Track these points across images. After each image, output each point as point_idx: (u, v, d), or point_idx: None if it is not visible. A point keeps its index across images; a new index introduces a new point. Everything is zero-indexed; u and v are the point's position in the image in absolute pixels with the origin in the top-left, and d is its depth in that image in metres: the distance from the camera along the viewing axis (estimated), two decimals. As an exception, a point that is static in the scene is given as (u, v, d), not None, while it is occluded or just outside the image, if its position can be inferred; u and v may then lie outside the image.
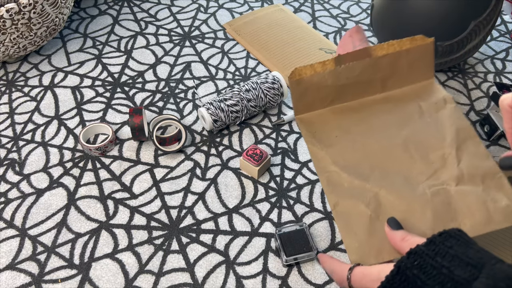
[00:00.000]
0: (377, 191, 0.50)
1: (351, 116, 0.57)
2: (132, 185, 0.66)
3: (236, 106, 0.69)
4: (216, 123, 0.68)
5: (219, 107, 0.68)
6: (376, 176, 0.52)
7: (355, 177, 0.52)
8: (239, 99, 0.67)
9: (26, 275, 0.57)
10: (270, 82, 0.71)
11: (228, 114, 0.67)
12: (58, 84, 0.81)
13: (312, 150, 0.55)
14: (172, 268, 0.57)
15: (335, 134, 0.56)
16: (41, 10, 0.76)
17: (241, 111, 0.69)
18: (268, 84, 0.71)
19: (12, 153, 0.70)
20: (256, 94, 0.68)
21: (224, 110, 0.68)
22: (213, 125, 0.65)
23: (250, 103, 0.68)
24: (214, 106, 0.68)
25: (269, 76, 0.73)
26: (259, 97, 0.68)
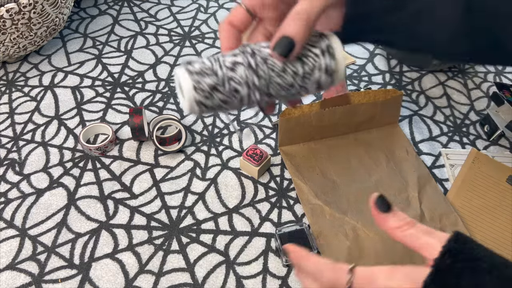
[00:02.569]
0: (355, 224, 0.60)
1: (329, 157, 0.68)
2: (132, 185, 0.66)
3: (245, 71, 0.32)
4: (201, 97, 0.31)
5: (211, 69, 0.31)
6: (353, 211, 0.61)
7: (335, 211, 0.61)
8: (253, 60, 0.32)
9: (26, 275, 0.57)
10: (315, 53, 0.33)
11: (227, 84, 0.31)
12: (58, 84, 0.81)
13: (297, 182, 0.65)
14: (172, 268, 0.57)
15: (316, 172, 0.66)
16: (41, 10, 0.76)
17: (250, 84, 0.32)
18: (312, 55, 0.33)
19: (12, 153, 0.70)
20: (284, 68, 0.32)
21: (219, 75, 0.31)
22: (195, 103, 0.31)
23: (274, 76, 0.32)
24: (202, 69, 0.32)
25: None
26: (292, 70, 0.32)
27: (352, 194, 0.64)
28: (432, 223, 0.60)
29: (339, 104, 0.68)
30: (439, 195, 0.64)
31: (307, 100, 0.79)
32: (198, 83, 0.31)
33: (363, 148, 0.70)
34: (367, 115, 0.70)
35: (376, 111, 0.71)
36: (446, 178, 0.68)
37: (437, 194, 0.64)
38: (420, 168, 0.67)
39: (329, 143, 0.70)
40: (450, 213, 0.61)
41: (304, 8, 0.31)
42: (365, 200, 0.63)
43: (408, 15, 0.33)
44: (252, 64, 0.31)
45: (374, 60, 0.87)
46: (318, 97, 0.79)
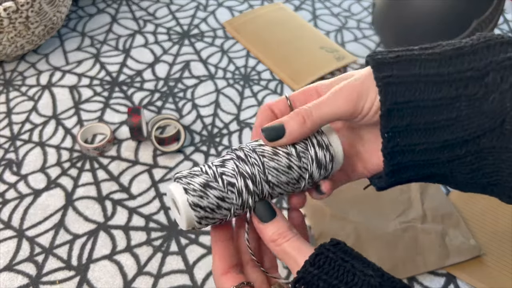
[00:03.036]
0: (356, 225, 0.59)
1: None
2: (130, 186, 0.65)
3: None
4: (195, 197, 0.29)
5: (199, 170, 0.30)
6: (354, 212, 0.61)
7: (337, 212, 0.60)
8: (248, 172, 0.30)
9: (23, 277, 0.56)
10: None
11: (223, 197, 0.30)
12: (56, 83, 0.80)
13: None
14: (171, 270, 0.57)
15: None
16: (39, 9, 0.75)
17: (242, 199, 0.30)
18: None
19: (10, 153, 0.70)
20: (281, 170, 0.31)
21: (210, 173, 0.30)
22: (190, 207, 0.29)
23: (267, 161, 0.30)
24: (190, 172, 0.30)
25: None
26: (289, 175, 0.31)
27: (353, 194, 0.63)
28: (434, 224, 0.60)
29: None
30: (441, 195, 0.63)
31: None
32: (188, 184, 0.29)
33: None
34: None
35: None
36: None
37: (439, 195, 0.63)
38: None
39: None
40: (452, 214, 0.61)
41: (317, 106, 0.30)
42: (366, 200, 0.62)
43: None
44: (241, 155, 0.30)
45: (375, 59, 0.86)
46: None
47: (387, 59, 0.29)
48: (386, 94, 0.28)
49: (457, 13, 0.72)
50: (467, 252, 0.57)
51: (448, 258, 0.56)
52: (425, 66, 0.28)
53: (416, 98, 0.28)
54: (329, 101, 0.30)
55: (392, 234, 0.58)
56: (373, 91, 0.29)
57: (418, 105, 0.28)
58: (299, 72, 0.82)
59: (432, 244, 0.57)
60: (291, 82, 0.81)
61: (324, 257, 0.27)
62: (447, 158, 0.29)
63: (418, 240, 0.58)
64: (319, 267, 0.26)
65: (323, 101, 0.30)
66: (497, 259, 0.57)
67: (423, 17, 0.74)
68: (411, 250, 0.57)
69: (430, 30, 0.75)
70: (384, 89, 0.28)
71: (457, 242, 0.57)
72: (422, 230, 0.59)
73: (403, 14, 0.76)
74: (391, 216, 0.61)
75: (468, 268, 0.56)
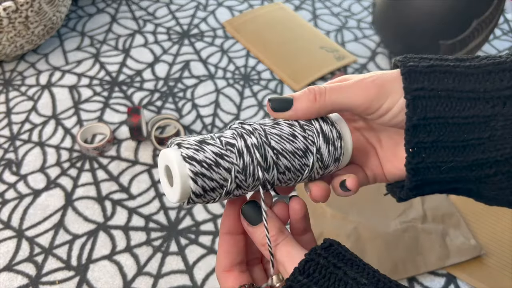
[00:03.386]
0: (357, 225, 0.59)
1: None
2: (130, 186, 0.65)
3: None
4: (195, 171, 0.26)
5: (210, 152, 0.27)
6: (354, 212, 0.61)
7: (337, 211, 0.60)
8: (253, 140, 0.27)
9: (23, 277, 0.56)
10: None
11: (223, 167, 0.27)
12: (56, 83, 0.80)
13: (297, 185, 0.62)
14: (171, 270, 0.57)
15: None
16: (39, 9, 0.75)
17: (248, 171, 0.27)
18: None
19: (9, 153, 0.69)
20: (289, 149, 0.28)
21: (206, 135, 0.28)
22: (191, 190, 0.26)
23: (268, 128, 0.28)
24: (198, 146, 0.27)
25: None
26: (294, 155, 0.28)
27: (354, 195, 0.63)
28: (434, 224, 0.59)
29: None
30: (441, 195, 0.63)
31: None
32: (183, 140, 0.26)
33: None
34: None
35: None
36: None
37: (440, 195, 0.63)
38: None
39: None
40: (453, 214, 0.61)
41: (332, 89, 0.28)
42: (366, 200, 0.62)
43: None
44: (239, 125, 0.28)
45: (376, 58, 0.86)
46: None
47: (419, 67, 0.27)
48: (415, 108, 0.27)
49: (457, 13, 0.72)
50: (468, 252, 0.57)
51: (448, 258, 0.56)
52: (459, 80, 0.26)
53: (447, 114, 0.26)
54: (346, 89, 0.28)
55: (392, 234, 0.58)
56: (397, 94, 0.27)
57: (448, 122, 0.26)
58: (299, 72, 0.82)
59: (432, 244, 0.57)
60: (291, 82, 0.81)
61: (315, 263, 0.25)
62: (474, 176, 0.27)
63: (419, 240, 0.58)
64: (309, 275, 0.25)
65: (341, 86, 0.28)
66: (497, 259, 0.57)
67: (423, 17, 0.74)
68: (412, 250, 0.57)
69: (430, 30, 0.75)
70: (413, 102, 0.27)
71: (458, 242, 0.57)
72: (423, 230, 0.59)
73: (403, 14, 0.76)
74: (392, 216, 0.60)
75: (468, 268, 0.56)
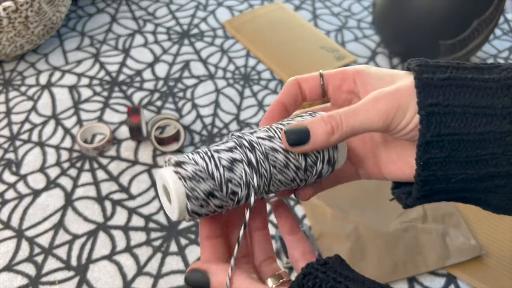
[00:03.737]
0: (357, 225, 0.59)
1: None
2: (130, 186, 0.65)
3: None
4: (196, 206, 0.27)
5: (206, 171, 0.27)
6: (355, 212, 0.61)
7: (337, 211, 0.60)
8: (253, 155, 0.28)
9: (23, 277, 0.56)
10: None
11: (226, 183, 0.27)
12: (55, 83, 0.80)
13: None
14: (170, 270, 0.57)
15: None
16: (38, 9, 0.75)
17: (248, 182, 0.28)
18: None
19: (9, 153, 0.69)
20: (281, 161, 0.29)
21: (217, 178, 0.27)
22: (187, 213, 0.27)
23: (276, 173, 0.28)
24: (196, 173, 0.27)
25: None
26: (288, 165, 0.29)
27: (354, 194, 0.63)
28: (434, 224, 0.59)
29: None
30: None
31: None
32: (193, 190, 0.26)
33: None
34: None
35: None
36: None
37: None
38: None
39: None
40: (453, 214, 0.61)
41: (349, 115, 0.27)
42: (367, 200, 0.62)
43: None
44: (252, 161, 0.27)
45: (376, 58, 0.86)
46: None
47: (434, 80, 0.26)
48: (429, 124, 0.26)
49: (457, 13, 0.72)
50: (468, 252, 0.57)
51: (448, 258, 0.56)
52: (477, 95, 0.26)
53: (461, 131, 0.26)
54: (363, 113, 0.27)
55: (393, 234, 0.58)
56: (413, 108, 0.26)
57: (462, 139, 0.26)
58: (299, 72, 0.82)
59: (432, 244, 0.57)
60: (291, 82, 0.81)
61: (313, 277, 0.24)
62: (484, 187, 0.27)
63: (419, 240, 0.58)
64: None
65: (357, 110, 0.27)
66: (497, 259, 0.57)
67: (423, 17, 0.74)
68: (412, 250, 0.57)
69: (430, 30, 0.74)
70: (427, 118, 0.26)
71: (458, 242, 0.57)
72: (423, 230, 0.59)
73: (403, 14, 0.76)
74: (392, 216, 0.60)
75: (468, 268, 0.56)
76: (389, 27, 0.81)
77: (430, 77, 0.26)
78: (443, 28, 0.74)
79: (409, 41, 0.79)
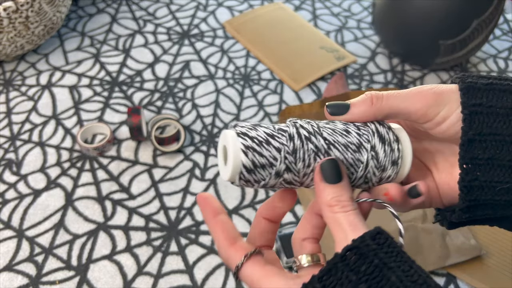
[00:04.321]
0: None
1: None
2: (130, 186, 0.65)
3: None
4: (246, 145, 0.27)
5: (266, 137, 0.27)
6: None
7: None
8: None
9: (23, 277, 0.56)
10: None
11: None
12: (56, 83, 0.80)
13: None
14: (171, 270, 0.57)
15: None
16: (39, 9, 0.75)
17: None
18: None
19: (9, 153, 0.69)
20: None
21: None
22: (241, 164, 0.26)
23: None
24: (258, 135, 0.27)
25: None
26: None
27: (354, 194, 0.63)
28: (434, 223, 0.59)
29: None
30: None
31: (308, 99, 0.78)
32: (238, 125, 0.28)
33: None
34: None
35: None
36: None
37: None
38: None
39: None
40: None
41: (389, 94, 0.28)
42: None
43: None
44: (297, 120, 0.28)
45: (376, 59, 0.86)
46: (319, 96, 0.79)
47: (478, 84, 0.27)
48: (472, 123, 0.26)
49: (457, 13, 0.72)
50: (468, 252, 0.57)
51: (448, 258, 0.56)
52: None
53: (504, 132, 0.26)
54: (404, 95, 0.28)
55: (392, 233, 0.58)
56: (455, 104, 0.27)
57: (505, 140, 0.26)
58: (299, 72, 0.82)
59: (432, 244, 0.57)
60: (291, 82, 0.81)
61: (384, 237, 0.24)
62: None
63: (419, 240, 0.58)
64: (379, 244, 0.24)
65: (398, 92, 0.28)
66: (497, 259, 0.57)
67: (423, 17, 0.74)
68: (412, 249, 0.57)
69: (430, 30, 0.75)
70: (470, 117, 0.26)
71: (458, 242, 0.57)
72: (423, 229, 0.59)
73: (403, 14, 0.76)
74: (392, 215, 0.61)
75: (468, 268, 0.56)
76: (389, 27, 0.81)
77: (473, 81, 0.27)
78: (443, 28, 0.74)
79: (409, 41, 0.79)
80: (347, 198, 0.26)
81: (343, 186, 0.27)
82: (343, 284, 0.23)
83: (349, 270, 0.23)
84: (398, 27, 0.79)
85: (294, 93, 0.79)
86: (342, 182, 0.27)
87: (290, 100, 0.78)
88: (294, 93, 0.79)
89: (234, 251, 0.27)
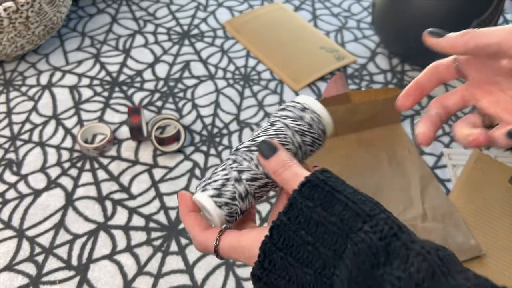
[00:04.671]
0: None
1: (330, 158, 0.69)
2: (130, 186, 0.65)
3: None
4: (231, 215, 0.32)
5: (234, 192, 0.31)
6: None
7: None
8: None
9: (24, 277, 0.56)
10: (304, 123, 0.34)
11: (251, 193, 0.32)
12: (56, 83, 0.80)
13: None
14: (171, 270, 0.57)
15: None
16: (39, 9, 0.75)
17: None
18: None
19: (10, 153, 0.70)
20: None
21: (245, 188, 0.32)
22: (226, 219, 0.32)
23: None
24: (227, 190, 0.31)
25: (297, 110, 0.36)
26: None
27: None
28: (434, 223, 0.60)
29: (339, 103, 0.68)
30: (441, 194, 0.63)
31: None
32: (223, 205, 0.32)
33: (365, 148, 0.70)
34: (368, 114, 0.70)
35: (377, 110, 0.70)
36: (448, 178, 0.67)
37: (440, 194, 0.63)
38: (422, 168, 0.67)
39: (330, 143, 0.70)
40: (453, 213, 0.61)
41: (482, 29, 0.30)
42: None
43: None
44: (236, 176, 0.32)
45: (376, 59, 0.86)
46: (319, 96, 0.79)
47: None
48: None
49: (457, 13, 0.72)
50: (468, 251, 0.57)
51: None
52: None
53: None
54: (496, 29, 0.30)
55: None
56: None
57: None
58: (299, 72, 0.82)
59: None
60: (291, 82, 0.81)
61: (330, 173, 0.29)
62: None
63: None
64: (327, 176, 0.28)
65: (489, 28, 0.30)
66: (497, 259, 0.57)
67: (423, 17, 0.74)
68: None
69: (430, 30, 0.75)
70: None
71: (458, 242, 0.57)
72: (423, 229, 0.59)
73: (403, 14, 0.76)
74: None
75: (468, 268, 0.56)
76: (389, 27, 0.81)
77: None
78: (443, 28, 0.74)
79: (409, 41, 0.79)
80: (286, 158, 0.30)
81: (279, 153, 0.30)
82: (303, 211, 0.26)
83: (305, 199, 0.27)
84: (398, 27, 0.79)
85: (294, 93, 0.79)
86: (278, 151, 0.30)
87: (290, 100, 0.78)
88: (294, 93, 0.79)
89: (209, 233, 0.30)
